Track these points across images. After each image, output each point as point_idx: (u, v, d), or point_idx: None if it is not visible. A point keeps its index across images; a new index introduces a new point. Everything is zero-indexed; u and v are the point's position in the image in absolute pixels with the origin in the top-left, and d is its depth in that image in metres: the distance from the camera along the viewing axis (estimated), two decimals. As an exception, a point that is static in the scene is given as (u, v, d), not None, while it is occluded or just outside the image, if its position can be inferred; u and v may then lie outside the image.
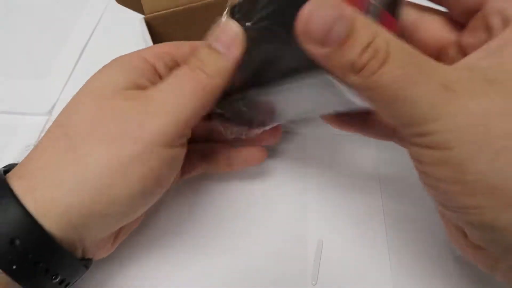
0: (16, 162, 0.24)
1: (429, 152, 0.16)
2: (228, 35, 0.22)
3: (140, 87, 0.24)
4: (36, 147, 0.23)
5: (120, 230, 0.26)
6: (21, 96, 0.40)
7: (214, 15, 0.39)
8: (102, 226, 0.23)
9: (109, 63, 0.25)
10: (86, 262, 0.24)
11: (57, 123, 0.24)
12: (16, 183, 0.22)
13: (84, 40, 0.46)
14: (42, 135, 0.37)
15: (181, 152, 0.24)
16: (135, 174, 0.22)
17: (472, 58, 0.18)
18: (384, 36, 0.16)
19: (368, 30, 0.16)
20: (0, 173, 0.22)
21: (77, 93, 0.24)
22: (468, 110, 0.15)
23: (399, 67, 0.16)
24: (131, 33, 0.45)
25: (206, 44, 0.23)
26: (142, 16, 0.36)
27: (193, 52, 0.24)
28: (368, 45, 0.16)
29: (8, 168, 0.23)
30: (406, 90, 0.16)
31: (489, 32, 0.19)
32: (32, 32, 0.47)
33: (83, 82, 0.25)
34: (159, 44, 0.27)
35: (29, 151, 0.23)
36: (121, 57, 0.26)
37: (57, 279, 0.22)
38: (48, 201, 0.21)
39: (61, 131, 0.23)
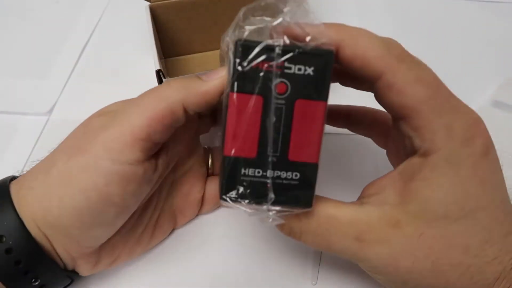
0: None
1: (368, 272, 0.22)
2: (215, 73, 0.23)
3: None
4: None
5: (101, 255, 0.26)
6: (21, 96, 0.40)
7: (218, 10, 0.39)
8: (67, 242, 0.23)
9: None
10: (69, 273, 0.25)
11: None
12: (13, 186, 0.23)
13: (84, 39, 0.45)
14: (42, 135, 0.38)
15: (135, 171, 0.22)
16: (78, 185, 0.21)
17: (384, 185, 0.22)
18: (297, 215, 0.21)
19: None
20: (6, 178, 0.24)
21: None
22: (378, 255, 0.20)
23: (314, 237, 0.22)
24: (132, 32, 0.45)
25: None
26: (148, 3, 0.37)
27: None
28: (283, 225, 0.22)
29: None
30: (328, 248, 0.22)
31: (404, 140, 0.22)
32: (32, 32, 0.47)
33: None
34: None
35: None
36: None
37: (37, 283, 0.23)
38: (23, 204, 0.22)
39: (57, 146, 0.24)
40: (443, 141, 0.19)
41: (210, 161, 0.31)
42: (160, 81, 0.31)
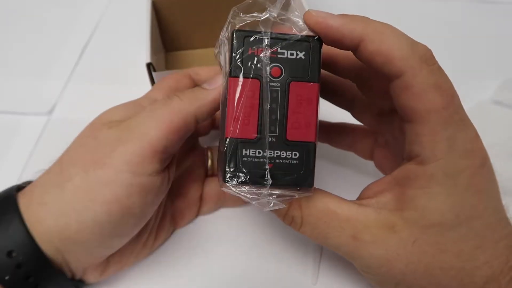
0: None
1: (362, 273, 0.23)
2: (216, 80, 0.24)
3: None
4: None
5: (109, 263, 0.26)
6: (21, 96, 0.40)
7: (220, 6, 0.39)
8: (82, 254, 0.23)
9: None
10: (76, 283, 0.25)
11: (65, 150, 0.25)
12: (21, 200, 0.23)
13: (85, 38, 0.45)
14: (43, 135, 0.38)
15: (154, 181, 0.22)
16: (99, 199, 0.21)
17: (382, 189, 0.22)
18: (298, 205, 0.22)
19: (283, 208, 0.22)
20: (12, 188, 0.24)
21: None
22: (372, 255, 0.21)
23: (313, 229, 0.22)
24: (133, 30, 0.45)
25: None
26: None
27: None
28: (285, 214, 0.22)
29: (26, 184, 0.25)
30: (325, 242, 0.22)
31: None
32: (32, 31, 0.47)
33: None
34: (163, 80, 0.27)
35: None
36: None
37: None
38: (36, 220, 0.22)
39: (61, 156, 0.24)
40: (444, 152, 0.20)
41: (210, 161, 0.31)
42: (150, 74, 0.31)
